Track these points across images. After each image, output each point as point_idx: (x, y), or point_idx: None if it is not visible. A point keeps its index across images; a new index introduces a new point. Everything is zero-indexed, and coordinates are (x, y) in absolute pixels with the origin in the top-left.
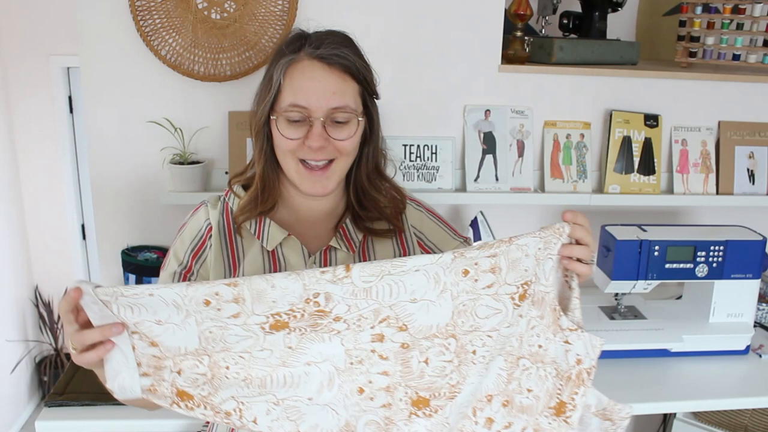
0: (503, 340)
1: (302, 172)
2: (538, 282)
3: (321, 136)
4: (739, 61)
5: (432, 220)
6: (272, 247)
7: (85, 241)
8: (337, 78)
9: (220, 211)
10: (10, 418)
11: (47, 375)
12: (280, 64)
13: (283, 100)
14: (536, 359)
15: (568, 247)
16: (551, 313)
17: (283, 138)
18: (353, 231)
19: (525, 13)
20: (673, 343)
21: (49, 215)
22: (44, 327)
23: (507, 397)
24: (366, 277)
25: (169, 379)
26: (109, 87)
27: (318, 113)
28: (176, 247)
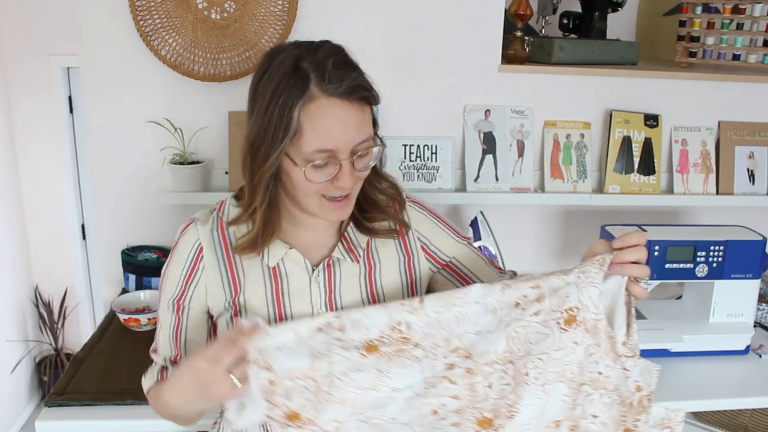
0: (555, 363)
1: (326, 205)
2: (587, 310)
3: (351, 174)
4: (739, 61)
5: (435, 224)
6: (274, 263)
7: (85, 241)
8: (357, 111)
9: (213, 228)
10: (10, 418)
11: (47, 375)
12: (289, 103)
13: (305, 145)
14: (597, 386)
15: (623, 266)
16: (607, 341)
17: (308, 183)
18: (356, 237)
19: (525, 13)
20: (673, 343)
21: (49, 215)
22: (44, 327)
23: (573, 422)
24: (436, 308)
25: (281, 403)
26: (109, 87)
27: (345, 154)
28: (169, 272)
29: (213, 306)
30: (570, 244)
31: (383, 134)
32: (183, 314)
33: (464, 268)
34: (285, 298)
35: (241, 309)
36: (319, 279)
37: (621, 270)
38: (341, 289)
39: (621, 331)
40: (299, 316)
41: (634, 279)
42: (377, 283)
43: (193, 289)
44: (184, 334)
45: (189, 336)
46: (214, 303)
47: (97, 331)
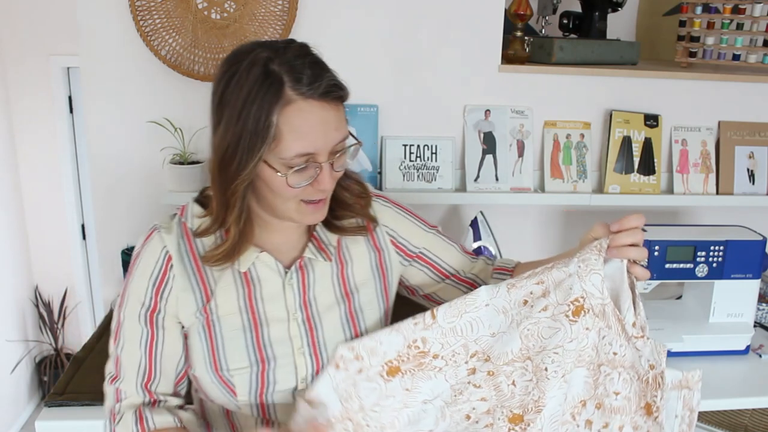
0: (571, 354)
1: (304, 209)
2: (593, 297)
3: (331, 175)
4: (739, 61)
5: (401, 215)
6: (245, 268)
7: (85, 241)
8: (334, 111)
9: (178, 234)
10: (10, 418)
11: (47, 375)
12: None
13: (285, 150)
14: (614, 365)
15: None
16: (617, 323)
17: (289, 188)
18: (326, 236)
19: (525, 13)
20: (673, 343)
21: (49, 215)
22: (44, 327)
23: (598, 400)
24: (449, 318)
25: None
26: (109, 87)
27: (324, 156)
28: (134, 285)
29: (184, 317)
30: (570, 244)
31: (383, 134)
32: (157, 328)
33: (435, 257)
34: (258, 304)
35: (213, 316)
36: (292, 282)
37: (618, 253)
38: (315, 290)
39: (630, 313)
40: (274, 320)
41: (634, 261)
42: (350, 281)
43: (165, 301)
44: (160, 351)
45: (165, 353)
46: (185, 313)
47: (97, 331)
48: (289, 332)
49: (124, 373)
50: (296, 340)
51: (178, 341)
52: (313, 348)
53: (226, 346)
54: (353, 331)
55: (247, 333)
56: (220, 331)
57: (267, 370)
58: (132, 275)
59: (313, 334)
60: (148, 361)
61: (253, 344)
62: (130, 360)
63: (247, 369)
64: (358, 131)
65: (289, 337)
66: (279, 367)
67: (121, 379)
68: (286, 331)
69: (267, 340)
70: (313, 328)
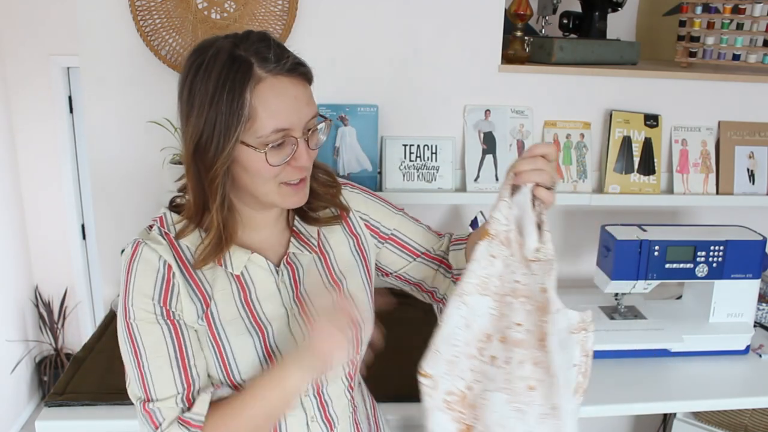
0: (473, 276)
1: (285, 191)
2: (498, 222)
3: (308, 152)
4: (739, 61)
5: (371, 200)
6: (239, 271)
7: (85, 241)
8: (303, 87)
9: (167, 245)
10: (10, 418)
11: (47, 375)
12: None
13: (261, 128)
14: (517, 294)
15: (521, 175)
16: (519, 249)
17: (268, 167)
18: (305, 229)
19: (525, 13)
20: (673, 343)
21: (49, 215)
22: (44, 327)
23: (502, 334)
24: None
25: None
26: (109, 87)
27: (299, 132)
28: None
29: (190, 323)
30: (570, 244)
31: (383, 134)
32: (180, 326)
33: (406, 237)
34: (255, 305)
35: (216, 322)
36: (284, 279)
37: (520, 178)
38: (306, 284)
39: (531, 238)
40: (275, 319)
41: (539, 185)
42: (335, 270)
43: (175, 304)
44: (190, 348)
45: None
46: (189, 320)
47: (97, 331)
48: (290, 329)
49: (158, 390)
50: (298, 335)
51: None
52: None
53: (236, 354)
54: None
55: (254, 337)
56: (227, 337)
57: None
58: (130, 293)
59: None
60: (182, 364)
61: (262, 348)
62: (159, 371)
63: (258, 372)
64: (358, 131)
65: (291, 334)
66: None
67: (156, 399)
68: (288, 329)
69: (273, 341)
70: (311, 320)
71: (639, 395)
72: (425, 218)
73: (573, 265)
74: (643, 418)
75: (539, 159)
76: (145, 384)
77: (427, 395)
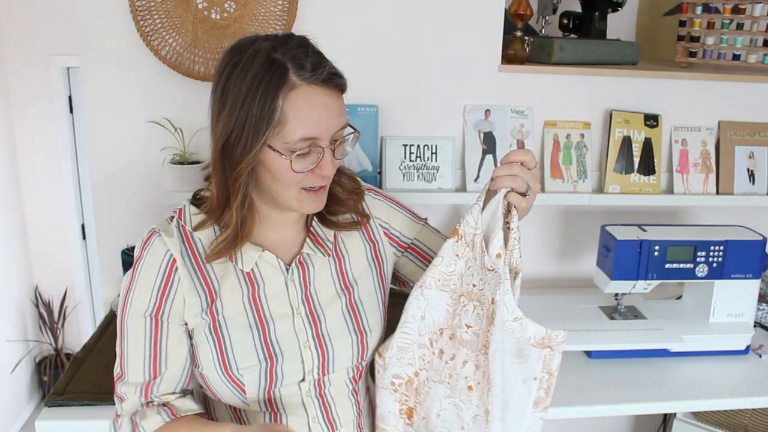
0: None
1: (304, 197)
2: (468, 225)
3: (332, 162)
4: (739, 61)
5: (393, 208)
6: (249, 268)
7: (85, 241)
8: (336, 98)
9: (179, 237)
10: (10, 418)
11: (47, 375)
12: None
13: (289, 134)
14: (472, 297)
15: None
16: (481, 255)
17: (291, 173)
18: (322, 231)
19: (525, 13)
20: (673, 343)
21: (49, 215)
22: (44, 327)
23: (452, 331)
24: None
25: None
26: (109, 87)
27: (327, 142)
28: (138, 290)
29: (189, 317)
30: (570, 244)
31: (383, 134)
32: (161, 324)
33: (426, 248)
34: (263, 301)
35: (219, 317)
36: (294, 278)
37: (494, 184)
38: (316, 285)
39: (496, 244)
40: (279, 316)
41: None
42: (349, 275)
43: (170, 303)
44: (165, 347)
45: (170, 349)
46: (190, 314)
47: (97, 331)
48: (294, 327)
49: (128, 371)
50: (301, 334)
51: (183, 338)
52: (318, 340)
53: (235, 346)
54: (355, 323)
55: (255, 332)
56: (228, 331)
57: (275, 366)
58: (135, 280)
59: (317, 326)
60: (153, 357)
61: (261, 342)
62: (135, 357)
63: (256, 367)
64: None
65: (294, 332)
66: (287, 361)
67: (125, 379)
68: (292, 327)
69: (274, 337)
70: (317, 320)
71: (639, 395)
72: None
73: (573, 265)
74: (643, 418)
75: (515, 165)
76: (122, 363)
77: (378, 374)
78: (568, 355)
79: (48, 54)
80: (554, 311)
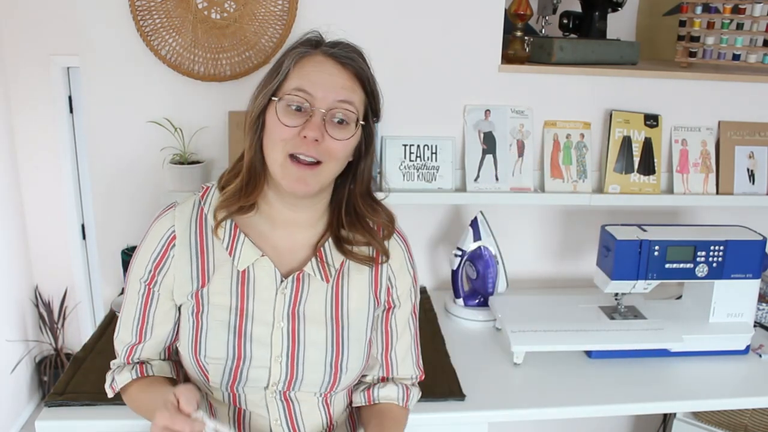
0: None
1: (288, 165)
2: None
3: (319, 128)
4: (739, 61)
5: (406, 267)
6: (244, 267)
7: (85, 241)
8: (348, 77)
9: (192, 217)
10: (10, 418)
11: (47, 375)
12: (292, 54)
13: (288, 85)
14: None
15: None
16: None
17: (279, 124)
18: (331, 256)
19: (525, 13)
20: (673, 343)
21: (49, 215)
22: (44, 327)
23: None
24: None
25: None
26: (109, 87)
27: (322, 104)
28: (139, 257)
29: (177, 295)
30: (570, 244)
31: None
32: (153, 293)
33: (392, 328)
34: (249, 303)
35: (203, 303)
36: (285, 291)
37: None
38: (306, 305)
39: None
40: (259, 322)
41: None
42: (343, 307)
43: (162, 276)
44: (153, 312)
45: (158, 316)
46: (179, 293)
47: (97, 331)
48: (271, 337)
49: (120, 329)
50: (276, 347)
51: (171, 310)
52: (291, 360)
53: (209, 336)
54: (335, 359)
55: (231, 327)
56: (206, 319)
57: (241, 367)
58: (140, 247)
59: (294, 346)
60: (140, 322)
61: (234, 339)
62: (127, 318)
63: (222, 360)
64: None
65: (270, 342)
66: (253, 367)
67: (117, 335)
68: (269, 336)
69: (248, 338)
70: (296, 341)
71: (639, 395)
72: (425, 218)
73: (573, 265)
74: (643, 418)
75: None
76: (119, 321)
77: None
78: (568, 355)
79: (48, 54)
80: (554, 311)
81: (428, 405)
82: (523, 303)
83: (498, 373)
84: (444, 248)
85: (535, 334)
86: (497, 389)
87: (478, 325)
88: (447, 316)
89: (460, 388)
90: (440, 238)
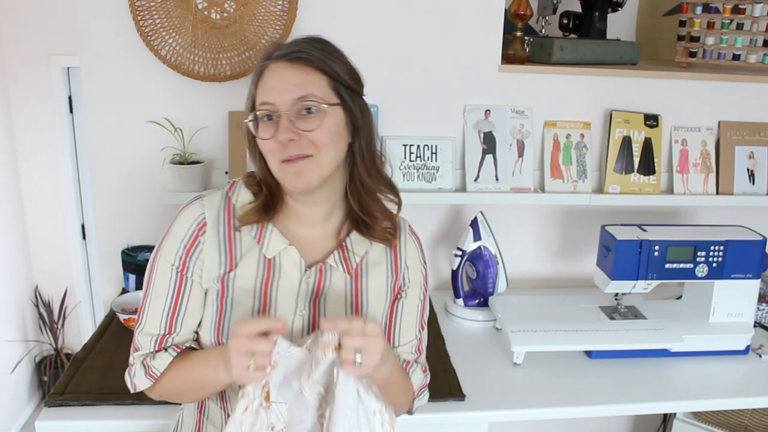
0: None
1: (284, 169)
2: (312, 379)
3: (288, 128)
4: (739, 61)
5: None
6: (272, 255)
7: (85, 241)
8: (299, 71)
9: (220, 207)
10: (10, 418)
11: (47, 375)
12: (254, 71)
13: (257, 101)
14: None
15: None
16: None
17: (260, 140)
18: (353, 247)
19: (525, 13)
20: (673, 343)
21: (49, 215)
22: (44, 327)
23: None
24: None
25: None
26: (109, 87)
27: (283, 107)
28: (167, 246)
29: (206, 279)
30: (570, 245)
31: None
32: (185, 282)
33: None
34: (273, 291)
35: (228, 289)
36: (309, 280)
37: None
38: (328, 295)
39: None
40: (282, 310)
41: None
42: (362, 298)
43: (193, 262)
44: (185, 304)
45: (190, 306)
46: (207, 276)
47: (97, 331)
48: (292, 324)
49: (147, 320)
50: (296, 335)
51: (200, 298)
52: None
53: (232, 319)
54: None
55: (254, 312)
56: (231, 304)
57: None
58: (167, 236)
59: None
60: (171, 312)
61: None
62: (156, 307)
63: None
64: None
65: (290, 329)
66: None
67: (142, 327)
68: (290, 323)
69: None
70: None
71: (639, 395)
72: (425, 218)
73: (573, 265)
74: (643, 418)
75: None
76: (142, 312)
77: None
78: (568, 355)
79: (48, 54)
80: (554, 311)
81: (428, 405)
82: (523, 303)
83: (498, 373)
84: (444, 248)
85: (535, 334)
86: (497, 389)
87: (478, 325)
88: (447, 316)
89: (460, 388)
90: (440, 238)
